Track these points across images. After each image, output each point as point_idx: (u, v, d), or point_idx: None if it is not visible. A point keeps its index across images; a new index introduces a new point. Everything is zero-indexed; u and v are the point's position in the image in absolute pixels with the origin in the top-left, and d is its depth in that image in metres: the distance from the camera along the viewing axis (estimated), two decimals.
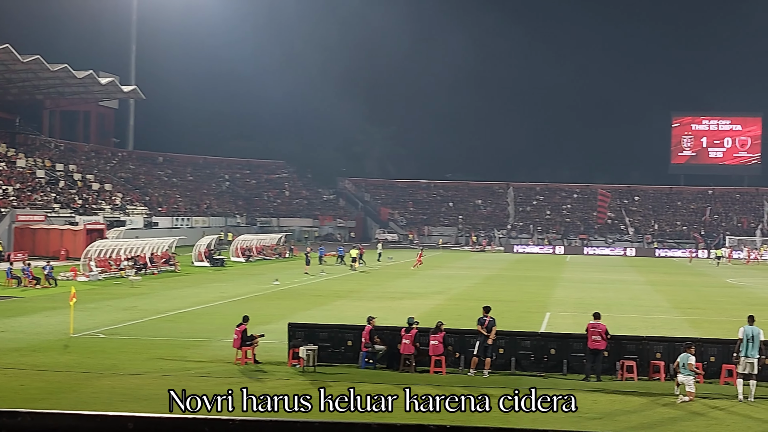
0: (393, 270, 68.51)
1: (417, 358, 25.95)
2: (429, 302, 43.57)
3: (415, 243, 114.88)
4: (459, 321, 31.22)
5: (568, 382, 24.52)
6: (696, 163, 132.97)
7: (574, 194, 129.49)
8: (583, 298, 46.89)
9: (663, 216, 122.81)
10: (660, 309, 43.68)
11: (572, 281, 61.16)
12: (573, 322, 32.61)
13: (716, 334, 31.52)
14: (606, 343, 25.04)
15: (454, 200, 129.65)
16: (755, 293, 54.63)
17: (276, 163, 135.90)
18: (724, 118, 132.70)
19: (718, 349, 25.50)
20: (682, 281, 63.46)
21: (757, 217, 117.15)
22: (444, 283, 56.47)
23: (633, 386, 24.04)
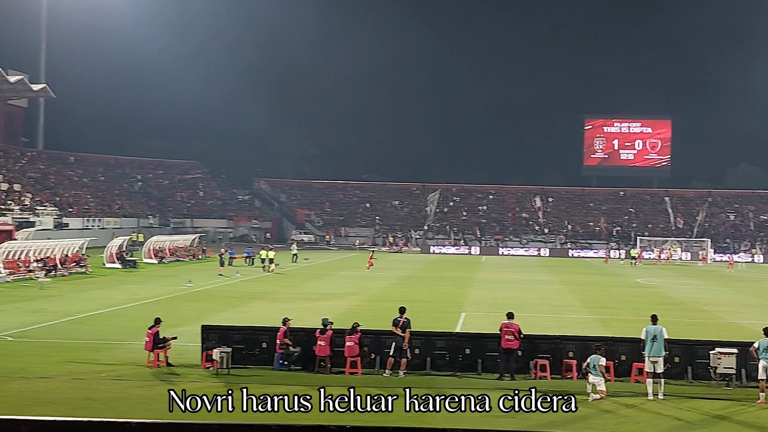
0: (309, 271, 68.27)
1: (332, 360, 25.86)
2: (345, 303, 43.48)
3: (332, 244, 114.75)
4: (375, 322, 31.15)
5: (482, 381, 24.70)
6: (608, 165, 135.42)
7: (490, 195, 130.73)
8: (497, 298, 47.29)
9: (576, 217, 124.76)
10: (572, 308, 44.30)
11: (487, 281, 61.69)
12: (488, 322, 32.80)
13: (626, 333, 32.03)
14: (519, 343, 25.28)
15: (371, 201, 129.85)
16: (664, 293, 55.77)
17: (189, 163, 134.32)
18: (635, 121, 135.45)
19: (629, 347, 25.92)
20: (594, 281, 64.51)
21: (667, 217, 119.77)
22: (360, 284, 56.45)
23: (546, 385, 24.25)
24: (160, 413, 19.96)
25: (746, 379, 25.03)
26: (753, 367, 25.09)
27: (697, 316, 41.52)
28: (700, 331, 33.11)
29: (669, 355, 23.80)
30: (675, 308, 44.57)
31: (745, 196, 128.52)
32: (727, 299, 51.86)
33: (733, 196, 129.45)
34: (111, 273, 61.59)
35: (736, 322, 39.32)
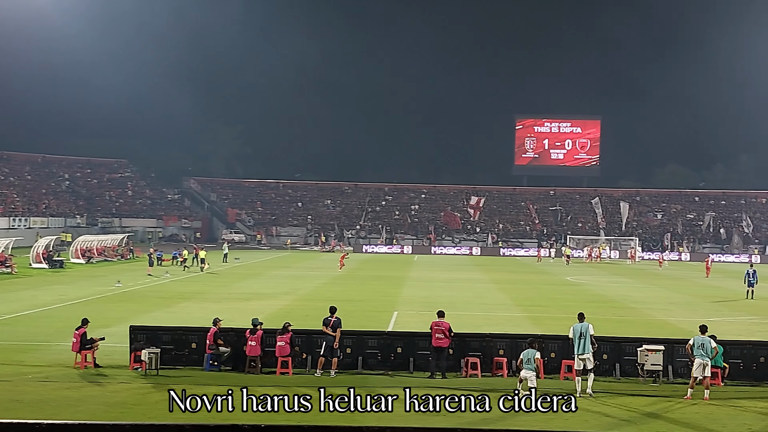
0: (240, 271, 67.76)
1: (263, 360, 25.71)
2: (276, 303, 43.23)
3: (263, 244, 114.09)
4: (306, 321, 31.06)
5: (414, 379, 24.75)
6: (538, 165, 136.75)
7: (422, 194, 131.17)
8: (429, 297, 47.41)
9: (507, 216, 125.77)
10: (503, 307, 44.60)
11: (419, 280, 61.84)
12: (419, 321, 32.88)
13: (556, 330, 32.35)
14: (449, 341, 25.37)
15: (303, 200, 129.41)
16: (594, 291, 56.47)
17: (118, 162, 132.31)
18: (565, 121, 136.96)
19: (558, 345, 26.19)
20: (525, 279, 65.07)
21: (596, 216, 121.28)
22: (292, 283, 56.19)
23: (476, 383, 24.40)
24: (88, 415, 19.63)
25: (673, 375, 25.44)
26: (680, 363, 25.54)
27: (625, 313, 42.09)
28: (629, 328, 33.59)
29: (597, 352, 24.07)
30: (604, 306, 45.14)
31: (672, 196, 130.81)
32: (654, 297, 52.68)
33: (660, 196, 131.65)
34: (38, 273, 60.46)
35: (664, 319, 39.96)
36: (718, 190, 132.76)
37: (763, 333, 34.24)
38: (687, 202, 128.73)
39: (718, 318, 39.63)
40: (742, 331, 35.17)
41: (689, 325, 35.81)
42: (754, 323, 38.78)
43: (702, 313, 41.92)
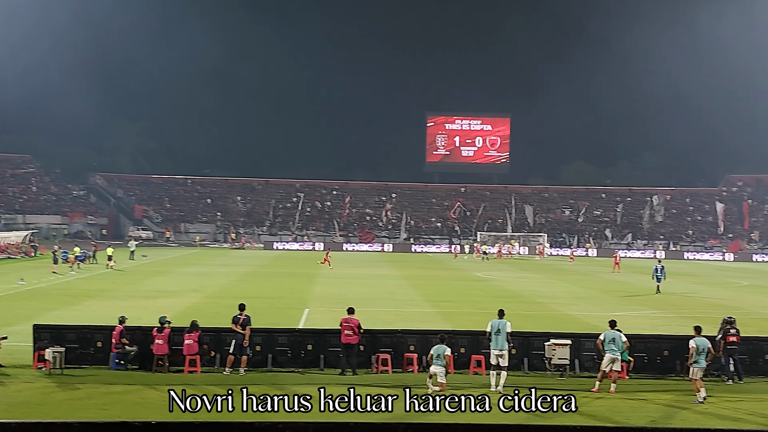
0: (147, 268, 66.71)
1: (171, 358, 25.33)
2: (185, 301, 42.63)
3: (171, 240, 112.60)
4: (215, 319, 30.69)
5: (324, 376, 24.69)
6: (450, 162, 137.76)
7: (334, 191, 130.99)
8: (341, 294, 47.31)
9: (418, 212, 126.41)
10: (414, 302, 44.75)
11: (331, 277, 61.68)
12: (331, 318, 32.78)
13: (466, 326, 32.62)
14: (359, 338, 25.34)
15: (212, 197, 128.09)
16: (503, 286, 57.10)
17: (22, 158, 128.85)
18: (476, 119, 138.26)
19: (468, 340, 26.37)
20: (435, 275, 65.45)
21: (506, 213, 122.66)
22: (200, 281, 55.50)
23: (387, 378, 24.45)
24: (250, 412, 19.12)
25: (579, 369, 25.83)
26: (586, 357, 25.95)
27: (533, 308, 42.60)
28: (536, 323, 33.98)
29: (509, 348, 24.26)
30: (512, 301, 45.60)
31: (580, 192, 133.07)
32: (561, 292, 53.47)
33: (568, 192, 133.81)
34: None
35: (571, 314, 40.56)
36: (624, 187, 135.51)
37: (666, 327, 35.02)
38: (594, 198, 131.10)
39: (623, 312, 40.37)
40: (646, 325, 35.90)
41: (595, 319, 36.44)
42: (657, 317, 39.64)
43: (608, 308, 42.68)
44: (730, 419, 20.46)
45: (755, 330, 32.87)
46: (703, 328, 24.13)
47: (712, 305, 45.93)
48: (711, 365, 25.77)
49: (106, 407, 20.43)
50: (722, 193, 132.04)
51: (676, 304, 46.12)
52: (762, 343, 26.99)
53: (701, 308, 44.48)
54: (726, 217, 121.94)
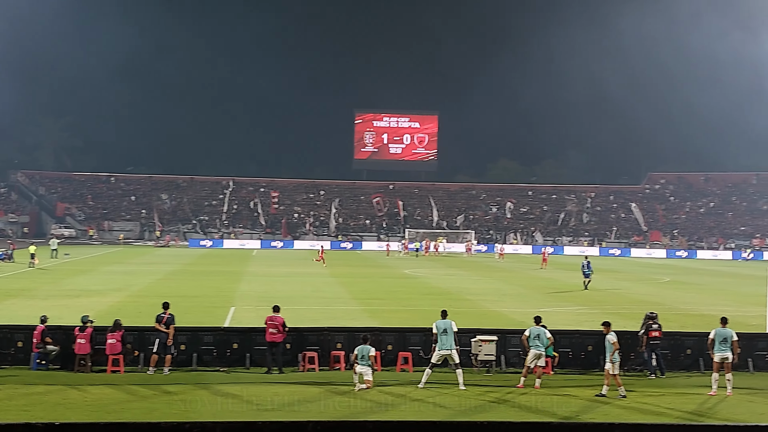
0: (70, 267, 65.52)
1: (93, 358, 24.90)
2: (108, 300, 41.95)
3: (95, 239, 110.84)
4: (139, 318, 30.29)
5: (250, 375, 24.57)
6: (378, 159, 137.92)
7: (261, 188, 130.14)
8: (268, 292, 47.02)
9: (347, 210, 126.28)
10: (341, 300, 44.68)
11: (258, 275, 61.30)
12: (257, 316, 32.49)
13: (393, 323, 32.69)
14: (283, 336, 25.18)
15: (137, 194, 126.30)
16: (431, 283, 57.28)
17: None
18: (404, 116, 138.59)
19: (395, 337, 26.38)
20: (363, 273, 65.43)
21: (433, 210, 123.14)
22: (125, 279, 54.67)
23: (314, 377, 24.35)
24: None
25: (505, 365, 26.01)
26: (512, 353, 26.14)
27: (460, 305, 42.72)
28: (464, 319, 33.97)
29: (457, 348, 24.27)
30: (440, 298, 45.74)
31: (505, 190, 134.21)
32: (488, 288, 53.85)
33: (494, 190, 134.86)
34: None
35: (497, 310, 40.87)
36: (549, 185, 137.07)
37: (590, 322, 35.37)
38: (520, 196, 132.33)
39: (548, 308, 40.79)
40: (571, 320, 36.28)
41: (521, 315, 36.77)
42: (582, 313, 40.10)
43: (534, 304, 43.12)
44: (652, 413, 20.76)
45: (677, 325, 33.43)
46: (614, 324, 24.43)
47: (636, 301, 46.65)
48: (634, 360, 26.17)
49: (27, 408, 20.00)
50: (645, 190, 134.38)
51: (600, 300, 46.74)
52: (683, 338, 27.44)
53: (625, 304, 45.15)
54: (649, 214, 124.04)
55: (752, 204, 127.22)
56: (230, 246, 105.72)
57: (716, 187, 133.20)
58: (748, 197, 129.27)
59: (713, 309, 42.73)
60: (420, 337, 25.93)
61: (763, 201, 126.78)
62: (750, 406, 21.95)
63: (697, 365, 26.63)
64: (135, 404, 20.74)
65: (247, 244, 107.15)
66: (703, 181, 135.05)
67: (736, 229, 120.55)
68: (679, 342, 27.23)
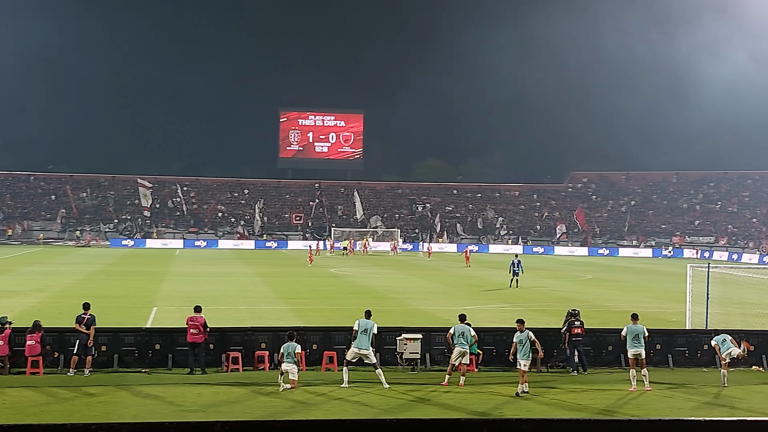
0: None
1: (12, 359, 24.38)
2: (27, 300, 41.10)
3: (13, 238, 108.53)
4: (60, 319, 29.79)
5: (173, 376, 24.29)
6: (303, 158, 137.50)
7: (185, 187, 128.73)
8: (191, 292, 46.53)
9: (272, 208, 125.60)
10: (267, 300, 44.41)
11: (181, 275, 60.65)
12: (180, 316, 32.05)
13: (319, 322, 32.59)
14: (204, 336, 24.92)
15: (57, 193, 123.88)
16: (356, 282, 57.28)
17: None
18: (329, 115, 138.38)
19: (320, 336, 26.30)
20: (289, 272, 65.12)
21: (359, 209, 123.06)
22: (44, 280, 53.61)
23: (238, 377, 24.15)
24: None
25: (430, 363, 26.09)
26: (436, 351, 26.24)
27: (386, 303, 42.84)
28: (389, 318, 34.13)
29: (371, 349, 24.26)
30: (366, 297, 45.78)
31: (432, 189, 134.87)
32: (414, 287, 54.04)
33: (421, 189, 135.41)
34: None
35: (423, 309, 41.03)
36: (474, 183, 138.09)
37: (514, 320, 35.63)
38: (446, 194, 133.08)
39: (473, 306, 41.06)
40: (495, 318, 36.59)
41: (446, 313, 36.95)
42: (506, 310, 40.44)
43: (458, 302, 43.36)
44: (573, 409, 20.99)
45: (599, 322, 33.93)
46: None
47: (559, 298, 47.24)
48: (556, 357, 26.48)
49: None
50: (568, 189, 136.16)
51: (524, 298, 47.22)
52: (605, 335, 27.83)
53: (548, 301, 45.72)
54: (572, 213, 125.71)
55: (672, 202, 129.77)
56: (153, 246, 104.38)
57: (637, 185, 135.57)
58: (669, 196, 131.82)
59: (634, 306, 43.38)
60: (345, 336, 25.88)
61: (683, 199, 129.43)
62: (669, 401, 22.34)
63: (618, 361, 27.02)
64: (55, 406, 20.36)
65: (169, 244, 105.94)
66: (624, 179, 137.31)
67: (657, 227, 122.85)
68: (600, 339, 27.61)
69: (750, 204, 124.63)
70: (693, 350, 27.75)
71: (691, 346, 27.81)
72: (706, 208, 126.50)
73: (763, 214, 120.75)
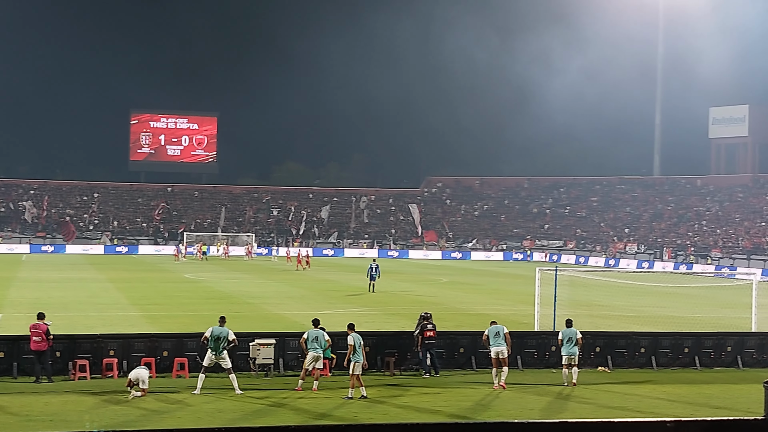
0: None
1: None
2: None
3: None
4: None
5: (18, 384, 23.55)
6: (155, 161, 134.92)
7: (32, 191, 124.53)
8: (40, 298, 44.97)
9: (124, 213, 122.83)
10: (118, 306, 43.39)
11: (29, 281, 58.64)
12: (27, 323, 30.96)
13: (173, 328, 32.03)
14: (48, 344, 24.18)
15: None
16: (212, 287, 56.61)
17: None
18: (182, 117, 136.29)
19: (172, 343, 25.91)
20: (142, 278, 63.80)
21: (215, 214, 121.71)
22: None
23: (86, 385, 23.56)
24: None
25: (284, 368, 26.01)
26: (290, 356, 26.18)
27: (242, 309, 42.49)
28: (244, 323, 33.82)
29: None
30: (222, 302, 45.30)
31: (290, 192, 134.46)
32: (271, 291, 53.78)
33: (278, 192, 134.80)
34: None
35: (279, 313, 40.89)
36: (332, 188, 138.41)
37: (369, 323, 35.90)
38: (303, 198, 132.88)
39: (330, 310, 41.13)
40: (352, 322, 36.67)
41: (303, 318, 36.85)
42: (363, 314, 40.64)
43: (316, 306, 43.39)
44: (428, 411, 21.28)
45: (453, 325, 34.47)
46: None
47: (416, 301, 47.76)
48: (409, 360, 26.80)
49: None
50: (423, 193, 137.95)
51: (381, 302, 47.58)
52: (458, 337, 28.32)
53: (405, 304, 46.17)
54: (426, 216, 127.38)
55: (524, 207, 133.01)
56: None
57: (491, 190, 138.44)
58: (521, 200, 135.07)
59: (488, 308, 44.44)
60: (197, 343, 25.52)
61: (534, 204, 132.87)
62: (520, 401, 22.89)
63: (470, 363, 27.53)
64: None
65: (15, 249, 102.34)
66: (478, 184, 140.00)
67: (509, 231, 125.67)
68: (454, 341, 28.06)
69: (598, 209, 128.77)
70: (541, 351, 28.49)
71: (540, 348, 28.55)
72: (555, 213, 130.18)
73: (610, 218, 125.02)
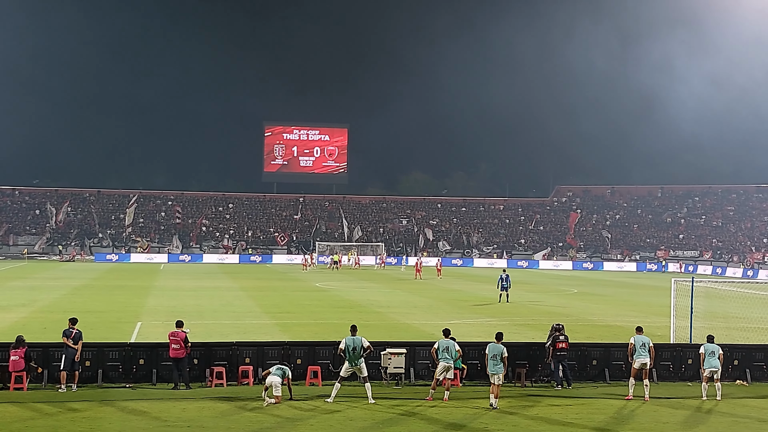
0: None
1: None
2: (11, 316, 40.89)
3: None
4: (45, 334, 29.72)
5: (157, 391, 24.25)
6: (288, 172, 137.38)
7: (169, 201, 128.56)
8: (176, 306, 46.36)
9: (257, 223, 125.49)
10: (252, 314, 44.30)
11: (166, 289, 60.43)
12: (165, 331, 31.98)
13: (303, 336, 32.54)
14: (186, 351, 24.80)
15: (42, 208, 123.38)
16: (341, 296, 57.21)
17: None
18: (314, 129, 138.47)
19: (305, 351, 26.29)
20: (274, 286, 65.02)
21: (346, 224, 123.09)
22: (29, 294, 53.34)
23: (222, 392, 24.12)
24: None
25: (414, 377, 26.11)
26: (421, 366, 26.27)
27: (371, 318, 42.82)
28: (374, 332, 34.12)
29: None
30: (350, 311, 45.79)
31: (417, 202, 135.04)
32: (398, 301, 53.99)
33: (406, 202, 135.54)
34: None
35: (407, 323, 41.00)
36: (459, 197, 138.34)
37: None
38: (431, 208, 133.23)
39: (458, 320, 41.11)
40: (480, 332, 36.55)
41: (431, 327, 36.96)
42: (491, 325, 40.44)
43: (443, 316, 43.39)
44: (559, 424, 21.04)
45: (584, 336, 34.01)
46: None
47: (544, 312, 47.30)
48: (541, 371, 26.52)
49: None
50: (553, 203, 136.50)
51: (509, 312, 47.25)
52: (590, 349, 27.92)
53: (533, 315, 45.73)
54: (557, 226, 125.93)
55: (657, 216, 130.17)
56: (137, 260, 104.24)
57: (622, 199, 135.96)
58: (653, 210, 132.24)
59: (620, 320, 43.68)
60: (329, 351, 25.87)
61: (667, 214, 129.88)
62: (654, 415, 22.43)
63: (603, 376, 27.14)
64: (39, 422, 20.29)
65: (154, 258, 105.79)
66: (609, 194, 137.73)
67: (641, 241, 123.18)
68: (585, 353, 27.68)
69: (734, 218, 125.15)
70: (677, 364, 27.87)
71: (676, 361, 27.92)
72: (690, 222, 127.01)
73: (748, 228, 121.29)
